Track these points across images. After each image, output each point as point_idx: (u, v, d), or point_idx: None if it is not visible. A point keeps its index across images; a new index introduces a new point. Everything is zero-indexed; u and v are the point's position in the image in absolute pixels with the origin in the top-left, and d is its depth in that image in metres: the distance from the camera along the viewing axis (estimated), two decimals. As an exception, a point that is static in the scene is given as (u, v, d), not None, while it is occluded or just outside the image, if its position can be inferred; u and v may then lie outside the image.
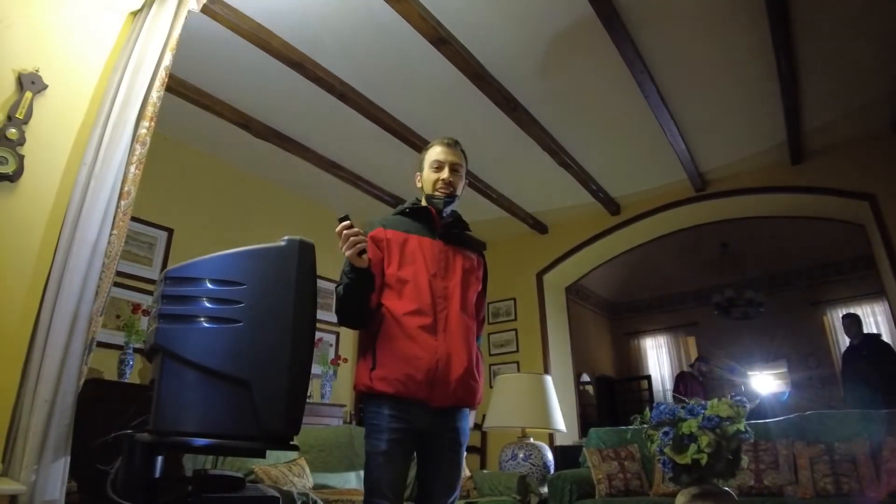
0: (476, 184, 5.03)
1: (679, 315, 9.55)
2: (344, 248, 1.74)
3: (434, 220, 2.01)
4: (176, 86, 3.59)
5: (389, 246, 1.92)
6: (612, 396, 9.28)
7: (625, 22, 3.35)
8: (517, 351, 5.97)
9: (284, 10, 3.15)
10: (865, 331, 6.35)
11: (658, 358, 9.62)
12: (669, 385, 9.00)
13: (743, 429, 2.41)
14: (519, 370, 5.70)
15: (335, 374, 4.86)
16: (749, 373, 8.65)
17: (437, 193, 2.00)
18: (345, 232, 1.73)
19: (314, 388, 4.69)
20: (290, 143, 4.39)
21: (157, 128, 2.38)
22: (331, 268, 5.06)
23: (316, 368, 4.70)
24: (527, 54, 3.58)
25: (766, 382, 8.66)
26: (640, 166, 5.12)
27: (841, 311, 7.88)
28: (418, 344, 1.78)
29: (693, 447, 2.38)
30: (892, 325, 6.59)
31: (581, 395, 6.86)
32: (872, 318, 7.79)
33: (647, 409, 3.06)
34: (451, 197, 2.02)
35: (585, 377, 8.42)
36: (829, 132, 4.60)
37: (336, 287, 1.87)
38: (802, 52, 3.62)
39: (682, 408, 2.69)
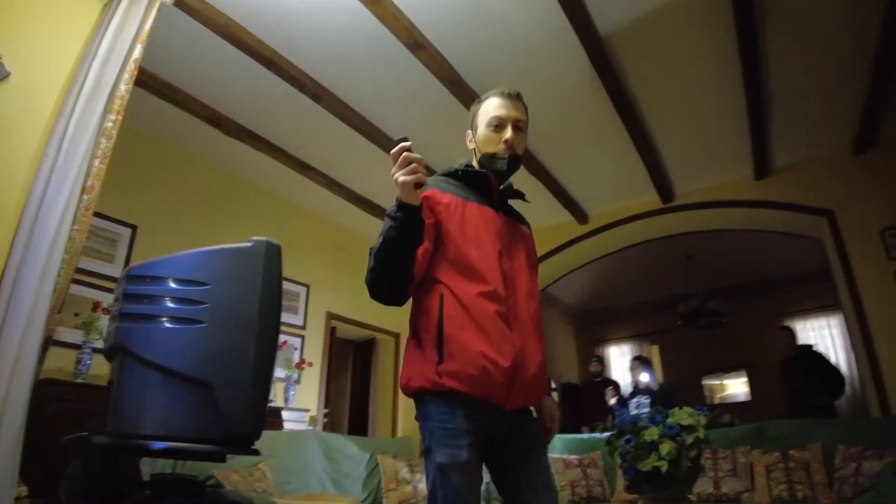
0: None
1: (644, 324, 9.70)
2: (399, 173, 1.34)
3: (493, 187, 1.67)
4: (146, 79, 3.53)
5: (449, 211, 1.56)
6: (577, 403, 9.37)
7: (606, 51, 3.48)
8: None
9: (259, 7, 3.13)
10: (812, 342, 6.64)
11: (623, 366, 9.74)
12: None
13: (703, 437, 2.46)
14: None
15: (299, 378, 4.81)
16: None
17: (499, 153, 1.64)
18: (404, 154, 1.34)
19: (278, 392, 4.63)
20: (262, 142, 4.35)
21: (125, 122, 2.34)
22: (297, 269, 5.08)
23: (280, 372, 4.65)
24: (503, 64, 3.61)
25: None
26: (611, 179, 5.21)
27: (803, 322, 8.16)
28: (496, 334, 1.45)
29: (654, 455, 2.41)
30: (847, 337, 6.82)
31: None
32: (828, 329, 8.11)
33: (611, 416, 3.11)
34: (515, 160, 1.66)
35: (551, 384, 8.48)
36: (791, 151, 4.76)
37: (372, 251, 1.47)
38: (771, 79, 3.80)
39: (645, 416, 2.73)
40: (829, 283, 5.21)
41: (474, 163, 1.72)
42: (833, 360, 7.64)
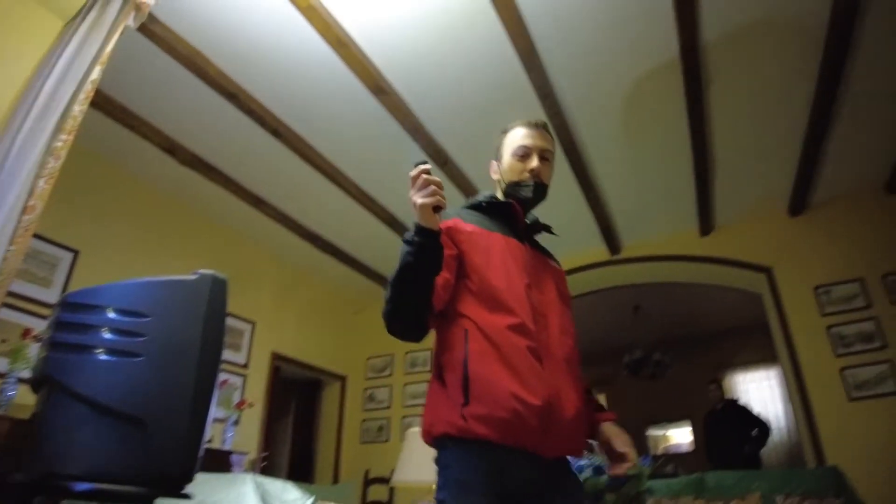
0: (403, 232, 5.06)
1: (591, 372, 9.78)
2: (417, 196, 1.29)
3: (518, 218, 1.60)
4: (102, 102, 3.45)
5: (473, 241, 1.48)
6: None
7: (562, 109, 3.63)
8: (433, 402, 5.91)
9: (225, 39, 3.12)
10: (738, 396, 6.90)
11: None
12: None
13: (646, 487, 2.47)
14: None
15: (239, 419, 4.63)
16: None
17: (524, 181, 1.59)
18: (423, 176, 1.30)
19: (215, 432, 4.44)
20: (216, 173, 4.27)
21: (76, 142, 2.26)
22: (243, 305, 4.95)
23: (218, 412, 4.47)
24: (462, 112, 3.69)
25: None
26: (561, 230, 5.30)
27: (744, 374, 8.43)
28: (527, 371, 1.31)
29: (598, 506, 2.41)
30: (784, 389, 7.05)
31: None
32: (767, 381, 8.38)
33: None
34: (541, 188, 1.60)
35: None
36: (734, 209, 4.99)
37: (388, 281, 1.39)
38: (716, 141, 4.02)
39: (590, 466, 2.73)
40: (768, 337, 5.40)
41: (499, 194, 1.68)
42: (771, 411, 7.90)
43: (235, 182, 4.41)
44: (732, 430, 5.82)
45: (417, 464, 3.53)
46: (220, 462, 4.16)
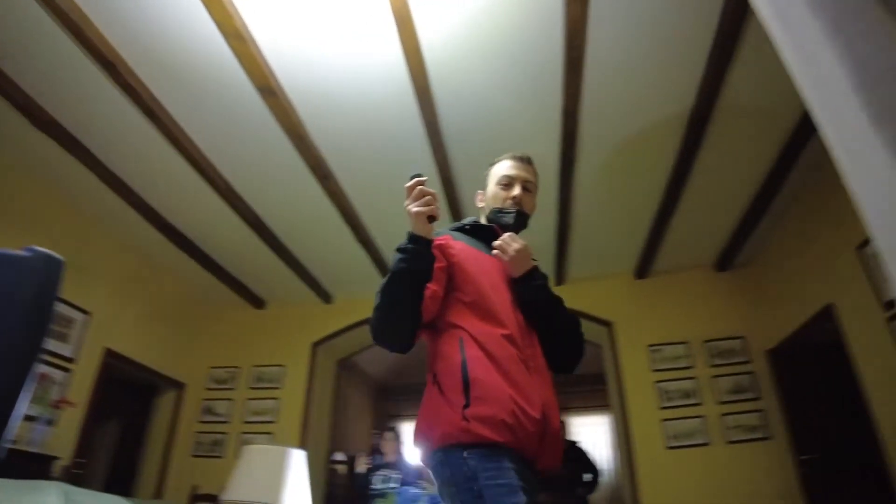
0: (272, 241, 4.86)
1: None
2: (413, 205, 1.35)
3: None
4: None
5: (462, 256, 1.53)
6: (368, 478, 9.17)
7: (445, 144, 3.76)
8: (275, 421, 5.66)
9: (112, 1, 2.82)
10: (580, 438, 7.34)
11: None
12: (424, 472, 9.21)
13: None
14: (273, 441, 5.40)
15: (55, 419, 4.14)
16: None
17: (505, 208, 1.66)
18: (419, 187, 1.36)
19: (23, 432, 3.93)
20: (75, 145, 3.80)
21: None
22: (79, 293, 4.44)
23: (30, 409, 3.96)
24: (350, 130, 3.67)
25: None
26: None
27: (580, 419, 8.97)
28: (522, 380, 1.33)
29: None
30: (613, 435, 7.59)
31: (332, 474, 6.66)
32: (598, 427, 8.98)
33: (393, 494, 3.07)
34: (524, 213, 1.68)
35: (340, 456, 8.24)
36: (586, 266, 5.40)
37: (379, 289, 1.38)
38: (578, 206, 4.43)
39: (426, 495, 2.75)
40: (603, 385, 5.82)
41: (482, 219, 1.75)
42: (599, 455, 8.43)
43: (96, 158, 3.96)
44: (569, 471, 6.13)
45: (252, 483, 3.35)
46: (23, 466, 3.69)
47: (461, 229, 1.69)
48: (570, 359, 1.60)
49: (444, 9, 2.85)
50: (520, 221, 1.67)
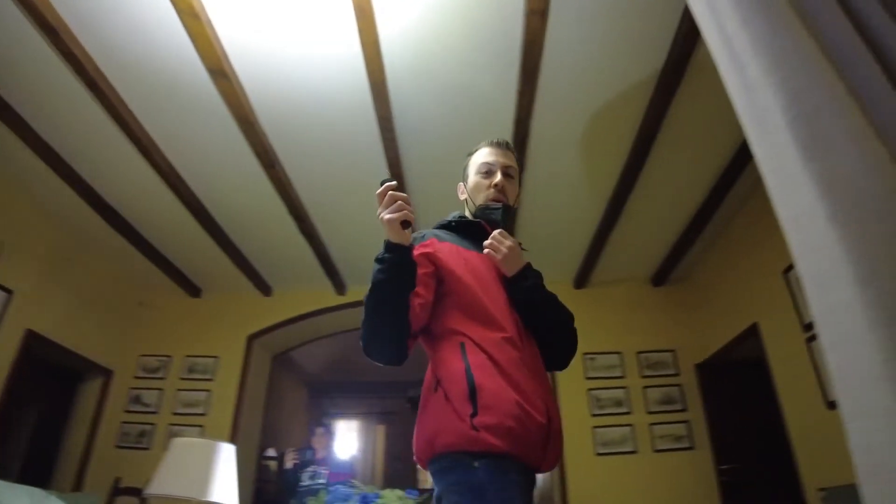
0: (212, 228, 4.72)
1: (374, 403, 9.88)
2: (385, 212, 1.29)
3: (487, 236, 1.55)
4: None
5: (452, 258, 1.47)
6: (297, 474, 9.05)
7: (398, 140, 3.73)
8: (206, 414, 5.49)
9: None
10: None
11: (347, 440, 9.73)
12: (353, 468, 9.18)
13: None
14: (203, 435, 5.25)
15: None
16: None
17: (490, 203, 1.61)
18: (390, 192, 1.30)
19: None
20: (6, 109, 3.52)
21: None
22: (1, 270, 4.17)
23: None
24: (300, 120, 3.60)
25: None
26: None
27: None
28: (525, 384, 1.28)
29: (360, 535, 2.42)
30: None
31: (263, 469, 6.54)
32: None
33: (324, 491, 3.06)
34: (509, 207, 1.63)
35: (271, 452, 8.10)
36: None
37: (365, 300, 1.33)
38: (523, 213, 4.41)
39: (357, 495, 2.74)
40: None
41: (467, 213, 1.68)
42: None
43: (28, 126, 3.69)
44: None
45: (179, 477, 3.26)
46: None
47: (447, 226, 1.65)
48: (565, 356, 1.59)
49: (406, 5, 2.85)
50: (507, 215, 1.63)
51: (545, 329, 1.50)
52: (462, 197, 1.75)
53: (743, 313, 4.53)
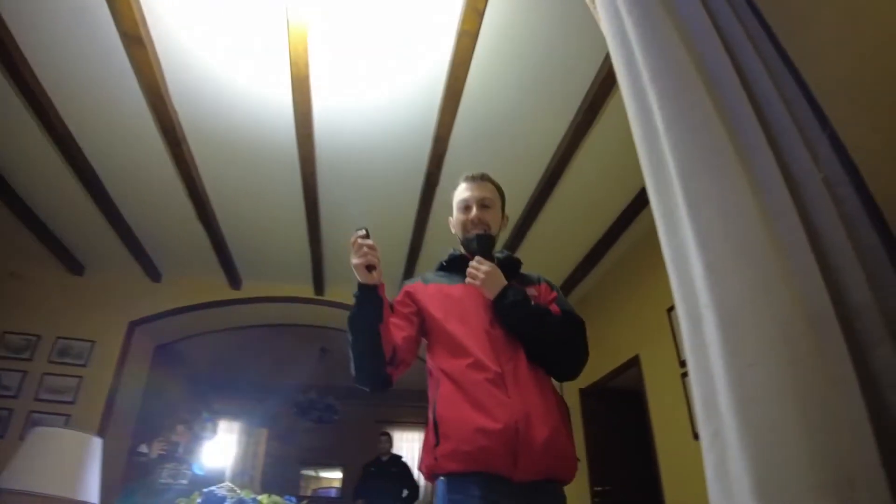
0: (104, 202, 4.38)
1: (259, 404, 9.53)
2: (353, 259, 1.50)
3: None
4: None
5: (430, 298, 1.71)
6: (157, 467, 8.57)
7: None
8: (74, 402, 5.09)
9: None
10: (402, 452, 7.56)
11: (228, 441, 9.34)
12: (232, 471, 8.87)
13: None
14: (68, 424, 4.86)
15: None
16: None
17: (468, 235, 1.78)
18: (357, 241, 1.50)
19: None
20: None
21: None
22: None
23: None
24: (218, 100, 3.44)
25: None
26: (277, 257, 5.33)
27: (400, 433, 9.15)
28: (489, 402, 1.43)
29: (231, 540, 2.33)
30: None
31: (137, 466, 6.13)
32: (419, 443, 9.24)
33: (196, 493, 2.92)
34: (487, 236, 1.76)
35: (145, 448, 7.62)
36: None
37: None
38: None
39: (232, 498, 2.64)
40: (426, 403, 6.02)
41: (460, 247, 1.86)
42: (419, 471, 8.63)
43: None
44: (391, 483, 6.21)
45: (36, 470, 3.00)
46: None
47: (440, 266, 1.87)
48: (564, 368, 1.65)
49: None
50: (484, 243, 1.75)
51: (532, 343, 1.60)
52: (454, 231, 1.90)
53: (627, 344, 4.79)
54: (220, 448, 9.01)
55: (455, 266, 1.82)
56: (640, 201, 4.10)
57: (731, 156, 0.96)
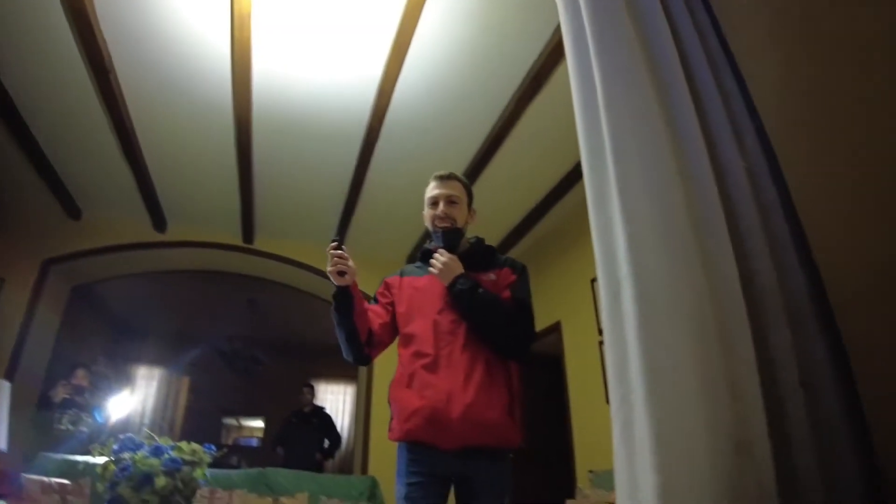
0: (20, 131, 4.06)
1: (182, 352, 9.31)
2: (328, 266, 1.76)
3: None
4: None
5: (401, 292, 1.96)
6: (56, 413, 8.27)
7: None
8: (-23, 343, 4.80)
9: None
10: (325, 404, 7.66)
11: (147, 389, 9.10)
12: (150, 418, 8.69)
13: (202, 476, 2.46)
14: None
15: None
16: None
17: (435, 231, 1.96)
18: (330, 252, 1.76)
19: None
20: None
21: None
22: None
23: None
24: (154, 35, 3.23)
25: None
26: (205, 202, 5.15)
27: (324, 385, 9.21)
28: (417, 384, 1.75)
29: (147, 489, 2.30)
30: (355, 403, 7.95)
31: (43, 412, 5.87)
32: (343, 396, 9.33)
33: (112, 439, 2.85)
34: (450, 230, 1.94)
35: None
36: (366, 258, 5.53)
37: None
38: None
39: (149, 445, 2.60)
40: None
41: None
42: (339, 422, 8.73)
43: None
44: (312, 434, 6.23)
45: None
46: None
47: (417, 259, 2.07)
48: (509, 350, 1.82)
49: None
50: (449, 237, 1.94)
51: (479, 326, 1.80)
52: (427, 225, 2.04)
53: (551, 311, 4.95)
54: (134, 396, 8.78)
55: (427, 258, 1.98)
56: (576, 174, 4.19)
57: (665, 139, 1.00)
